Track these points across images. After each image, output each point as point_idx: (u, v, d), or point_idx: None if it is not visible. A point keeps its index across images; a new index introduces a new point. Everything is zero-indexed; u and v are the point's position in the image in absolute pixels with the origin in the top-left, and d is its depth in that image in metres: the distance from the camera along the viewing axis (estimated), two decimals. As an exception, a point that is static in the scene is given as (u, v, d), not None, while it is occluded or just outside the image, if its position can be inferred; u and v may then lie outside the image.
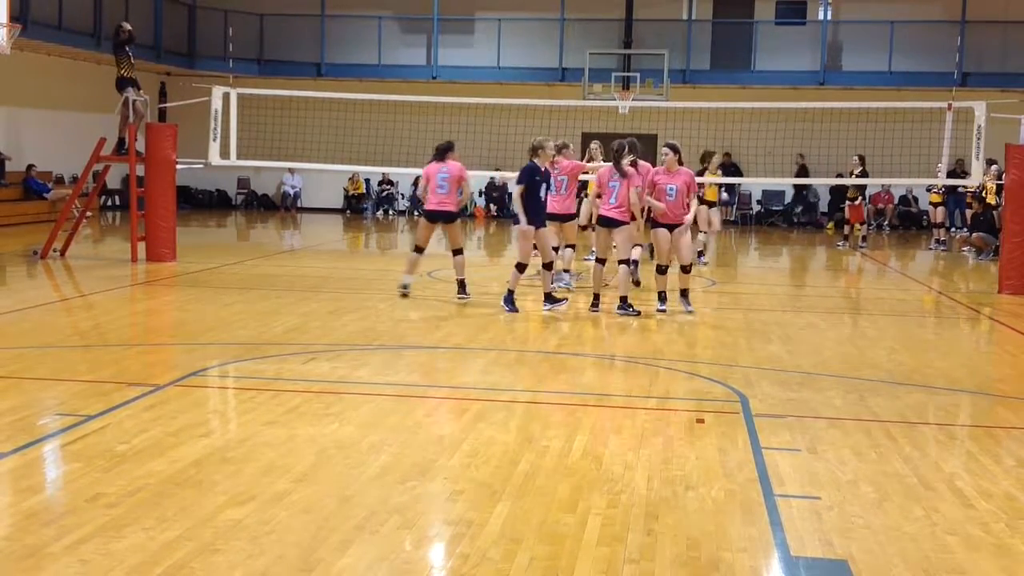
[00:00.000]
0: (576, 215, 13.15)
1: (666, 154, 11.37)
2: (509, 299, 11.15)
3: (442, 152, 11.83)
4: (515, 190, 11.31)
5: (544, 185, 11.36)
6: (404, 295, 11.89)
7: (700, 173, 16.61)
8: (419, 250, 11.97)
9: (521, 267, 11.32)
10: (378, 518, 4.85)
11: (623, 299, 11.11)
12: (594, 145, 14.07)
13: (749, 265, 18.17)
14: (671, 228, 11.34)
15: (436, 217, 11.81)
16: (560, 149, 12.25)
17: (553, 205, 12.07)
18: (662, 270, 11.45)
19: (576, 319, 11.08)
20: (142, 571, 4.18)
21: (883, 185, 24.98)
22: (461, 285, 11.81)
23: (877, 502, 5.28)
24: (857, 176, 19.15)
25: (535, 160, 11.26)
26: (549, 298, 11.20)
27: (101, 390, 7.21)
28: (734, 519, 4.98)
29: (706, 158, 17.14)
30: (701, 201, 16.86)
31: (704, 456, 5.99)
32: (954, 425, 7.14)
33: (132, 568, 4.21)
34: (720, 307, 12.31)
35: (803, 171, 24.52)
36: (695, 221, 14.64)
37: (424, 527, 4.84)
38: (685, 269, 11.44)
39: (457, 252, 11.80)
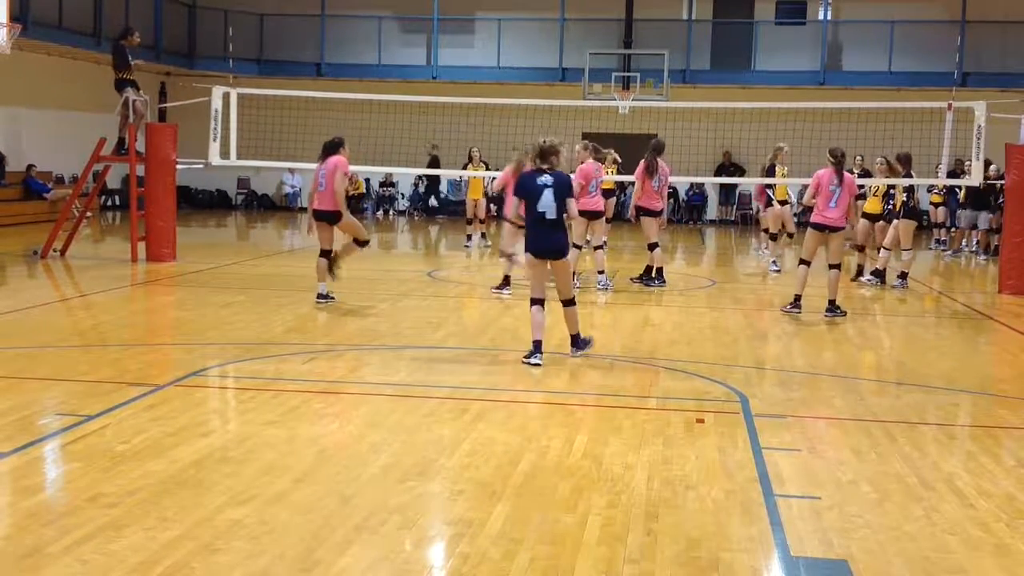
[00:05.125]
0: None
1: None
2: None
3: (328, 149, 11.28)
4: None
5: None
6: (325, 302, 11.30)
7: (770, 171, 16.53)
8: (324, 254, 11.34)
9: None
10: (378, 518, 4.85)
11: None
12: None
13: (749, 265, 18.16)
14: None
15: (319, 216, 11.30)
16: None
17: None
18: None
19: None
20: (142, 571, 4.18)
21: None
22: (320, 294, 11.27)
23: (877, 502, 5.28)
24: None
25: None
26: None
27: (101, 390, 7.21)
28: (734, 519, 4.98)
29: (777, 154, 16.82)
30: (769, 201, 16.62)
31: (704, 456, 5.99)
32: (954, 425, 7.14)
33: (132, 568, 4.21)
34: (720, 307, 12.30)
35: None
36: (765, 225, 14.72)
37: (424, 527, 4.84)
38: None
39: (323, 254, 11.26)
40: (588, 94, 22.58)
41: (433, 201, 27.86)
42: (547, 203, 8.43)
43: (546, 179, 8.49)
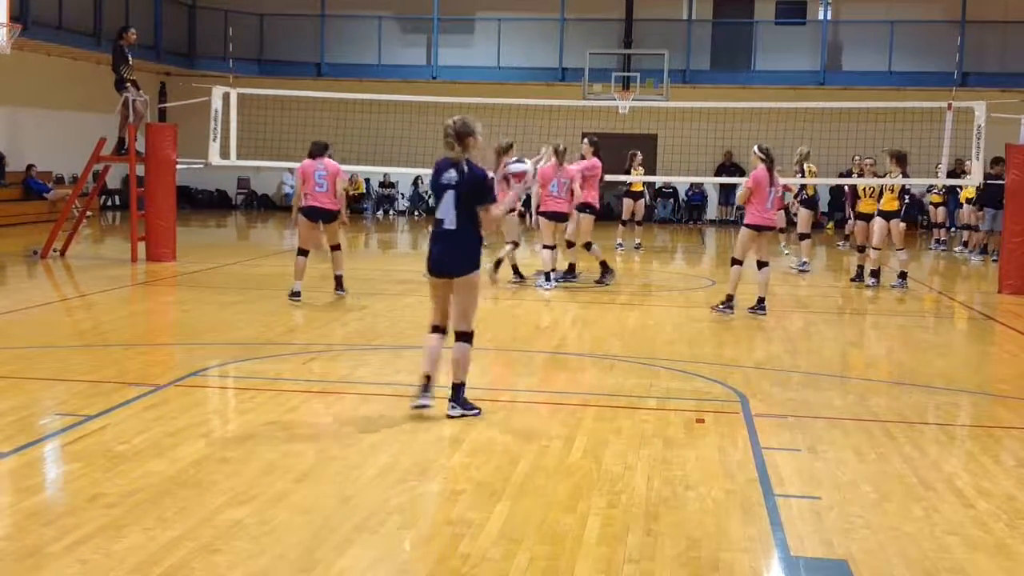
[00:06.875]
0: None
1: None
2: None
3: (319, 151, 11.45)
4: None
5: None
6: (296, 302, 11.26)
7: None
8: (304, 253, 11.49)
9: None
10: (378, 518, 4.85)
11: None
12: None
13: (748, 265, 18.12)
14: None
15: (318, 214, 11.42)
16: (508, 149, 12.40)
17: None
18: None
19: (578, 319, 11.08)
20: (142, 571, 4.19)
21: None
22: (338, 281, 11.81)
23: (877, 502, 5.28)
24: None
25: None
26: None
27: (101, 390, 7.21)
28: (734, 519, 4.98)
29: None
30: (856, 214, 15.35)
31: (704, 456, 5.99)
32: (954, 425, 7.14)
33: (132, 568, 4.21)
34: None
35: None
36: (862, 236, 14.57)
37: (424, 527, 4.84)
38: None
39: (335, 248, 11.81)
40: (588, 94, 22.58)
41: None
42: (446, 208, 6.64)
43: (451, 176, 6.68)
